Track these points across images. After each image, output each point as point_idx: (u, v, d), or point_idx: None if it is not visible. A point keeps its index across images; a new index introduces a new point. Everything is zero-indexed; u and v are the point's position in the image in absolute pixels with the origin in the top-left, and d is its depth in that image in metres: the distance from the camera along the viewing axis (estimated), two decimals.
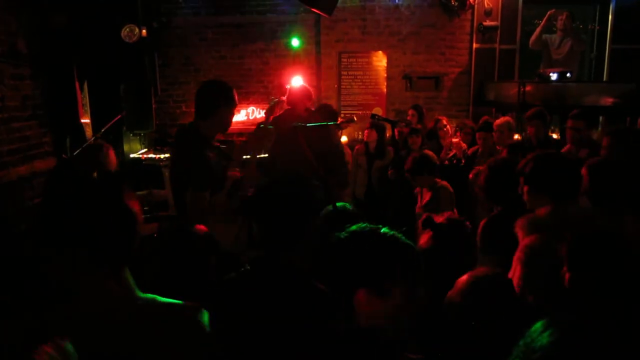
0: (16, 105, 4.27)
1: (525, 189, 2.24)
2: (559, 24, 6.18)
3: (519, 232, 2.02)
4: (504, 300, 1.43)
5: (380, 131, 5.10)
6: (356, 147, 5.40)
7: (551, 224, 1.96)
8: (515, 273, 1.68)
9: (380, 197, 4.99)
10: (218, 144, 2.95)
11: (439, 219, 2.17)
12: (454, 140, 4.94)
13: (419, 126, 5.23)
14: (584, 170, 2.29)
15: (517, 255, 1.72)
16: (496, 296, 1.43)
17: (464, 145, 4.86)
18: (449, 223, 2.10)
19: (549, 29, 6.35)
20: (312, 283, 1.43)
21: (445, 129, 5.25)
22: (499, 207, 2.57)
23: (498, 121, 4.58)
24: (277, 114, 4.31)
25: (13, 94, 4.23)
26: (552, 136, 4.74)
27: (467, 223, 2.09)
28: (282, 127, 3.72)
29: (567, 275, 1.51)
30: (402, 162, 4.39)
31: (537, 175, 2.19)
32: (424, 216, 2.22)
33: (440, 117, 5.55)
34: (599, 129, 6.41)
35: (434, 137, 5.28)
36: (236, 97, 2.78)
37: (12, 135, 4.20)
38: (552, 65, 6.05)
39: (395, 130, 5.04)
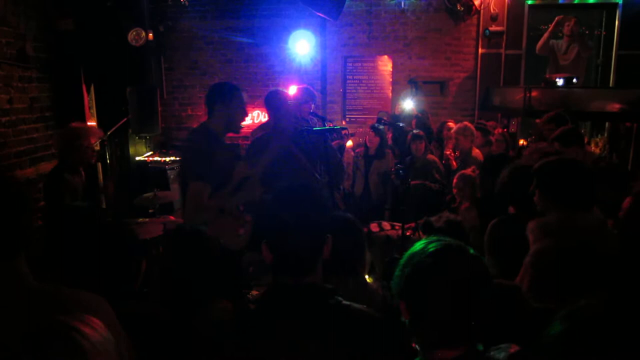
0: (24, 108, 4.29)
1: (537, 192, 2.18)
2: (566, 29, 6.17)
3: (530, 236, 2.01)
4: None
5: (383, 136, 5.12)
6: (357, 149, 5.42)
7: (560, 230, 1.93)
8: (524, 277, 1.68)
9: (377, 198, 4.99)
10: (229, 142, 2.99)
11: (438, 222, 2.19)
12: (446, 152, 4.93)
13: (421, 133, 5.22)
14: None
15: (528, 259, 1.72)
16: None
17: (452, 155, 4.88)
18: (447, 226, 2.13)
19: (555, 34, 6.34)
20: (353, 306, 1.32)
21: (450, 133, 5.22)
22: (514, 209, 2.53)
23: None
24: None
25: (21, 96, 4.26)
26: None
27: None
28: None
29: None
30: (407, 168, 4.38)
31: (548, 181, 2.14)
32: (423, 220, 2.24)
33: (447, 121, 5.52)
34: (605, 135, 6.40)
35: (440, 141, 5.28)
36: (239, 98, 2.84)
37: (20, 138, 4.22)
38: (559, 71, 6.04)
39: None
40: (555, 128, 3.96)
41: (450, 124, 5.32)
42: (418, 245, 1.26)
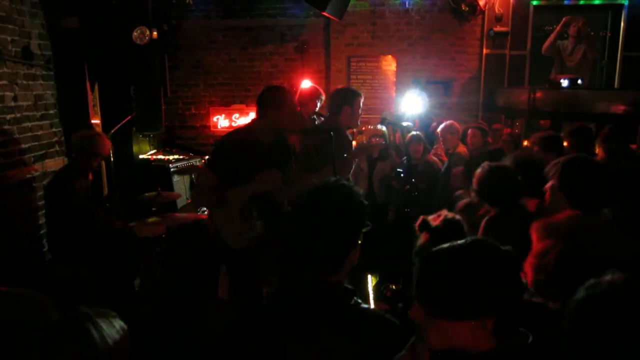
0: (28, 105, 4.31)
1: (550, 191, 2.20)
2: (572, 30, 6.15)
3: (534, 235, 2.01)
4: None
5: (385, 137, 5.10)
6: None
7: (568, 230, 1.94)
8: (527, 274, 1.70)
9: (381, 200, 4.97)
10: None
11: (436, 221, 2.18)
12: (438, 152, 5.01)
13: (420, 134, 5.20)
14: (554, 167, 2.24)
15: (529, 260, 1.74)
16: None
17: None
18: (445, 225, 2.12)
19: (560, 35, 6.32)
20: (370, 309, 1.32)
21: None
22: (495, 209, 2.57)
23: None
24: None
25: (26, 94, 4.27)
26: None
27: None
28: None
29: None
30: (405, 171, 4.35)
31: (565, 180, 2.16)
32: (420, 218, 2.23)
33: (442, 121, 5.49)
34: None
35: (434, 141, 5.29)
36: (292, 103, 2.85)
37: (24, 135, 4.23)
38: (564, 72, 6.02)
39: (401, 135, 5.02)
40: (577, 143, 3.91)
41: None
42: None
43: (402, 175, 3.97)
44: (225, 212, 2.72)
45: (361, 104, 3.30)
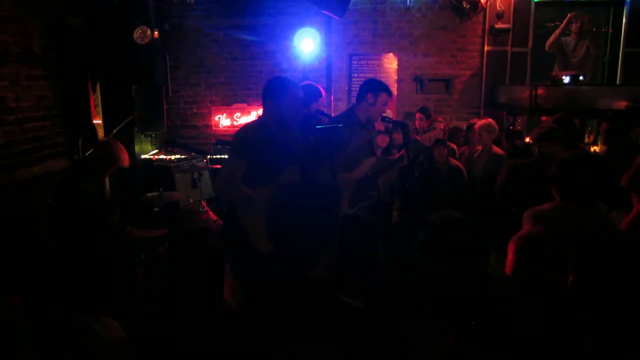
0: (30, 106, 4.31)
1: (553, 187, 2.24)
2: (574, 27, 6.15)
3: (525, 224, 2.06)
4: None
5: (391, 135, 5.10)
6: None
7: (550, 218, 1.98)
8: (508, 260, 1.77)
9: (385, 199, 4.94)
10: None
11: (436, 217, 2.23)
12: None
13: (441, 137, 5.15)
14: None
15: (510, 245, 1.81)
16: None
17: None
18: (442, 221, 2.17)
19: (563, 31, 6.31)
20: (352, 304, 1.31)
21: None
22: (516, 208, 2.59)
23: (479, 123, 4.63)
24: None
25: (27, 94, 4.28)
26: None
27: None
28: None
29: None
30: (425, 173, 4.33)
31: (557, 174, 2.19)
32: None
33: (439, 119, 5.45)
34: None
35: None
36: (291, 93, 2.74)
37: (26, 136, 4.24)
38: (568, 69, 6.02)
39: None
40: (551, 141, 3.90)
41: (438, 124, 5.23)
42: None
43: (415, 174, 3.97)
44: (254, 212, 2.61)
45: (385, 102, 3.25)
